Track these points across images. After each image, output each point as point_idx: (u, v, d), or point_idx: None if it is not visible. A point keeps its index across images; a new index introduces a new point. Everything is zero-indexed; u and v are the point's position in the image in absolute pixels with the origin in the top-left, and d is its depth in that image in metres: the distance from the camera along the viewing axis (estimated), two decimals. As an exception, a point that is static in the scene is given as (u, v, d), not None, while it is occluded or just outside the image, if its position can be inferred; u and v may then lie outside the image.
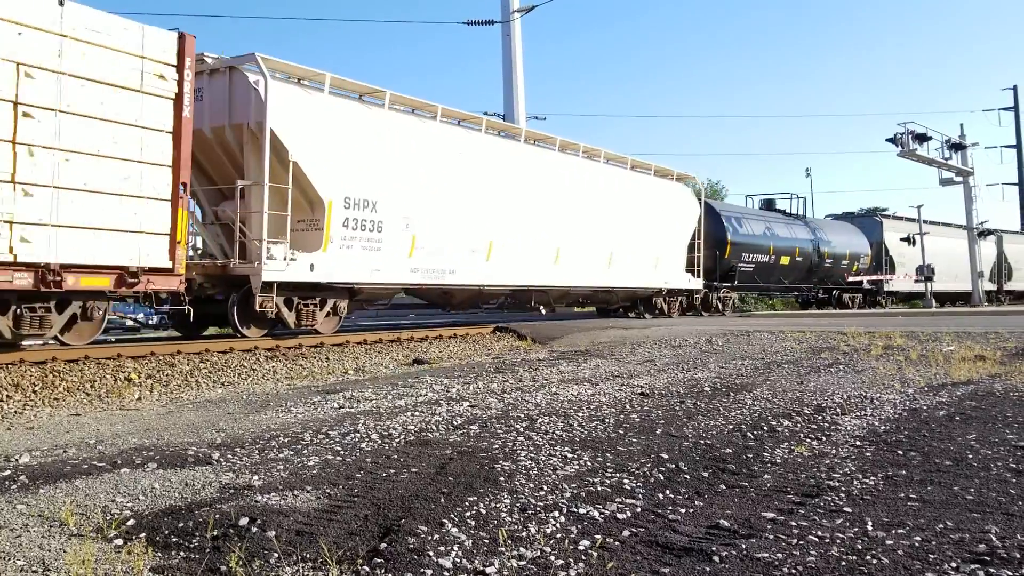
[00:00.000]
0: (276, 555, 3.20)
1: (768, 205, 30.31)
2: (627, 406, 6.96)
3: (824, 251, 29.35)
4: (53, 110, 8.32)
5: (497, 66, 25.53)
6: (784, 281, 27.92)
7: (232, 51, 11.67)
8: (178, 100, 9.53)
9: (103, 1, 9.28)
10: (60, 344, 9.41)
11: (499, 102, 25.40)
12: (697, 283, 22.14)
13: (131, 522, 3.62)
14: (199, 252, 12.38)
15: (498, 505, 3.89)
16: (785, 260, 27.24)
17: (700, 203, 22.41)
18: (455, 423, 6.13)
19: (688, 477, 4.49)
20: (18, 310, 8.64)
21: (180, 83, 9.53)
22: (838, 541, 3.33)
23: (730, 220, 24.99)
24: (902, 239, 33.61)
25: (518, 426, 5.96)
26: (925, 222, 36.28)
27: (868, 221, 34.22)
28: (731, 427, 5.97)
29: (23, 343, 9.07)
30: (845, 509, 3.80)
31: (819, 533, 3.43)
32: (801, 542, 3.33)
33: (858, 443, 5.38)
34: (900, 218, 36.23)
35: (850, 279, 31.25)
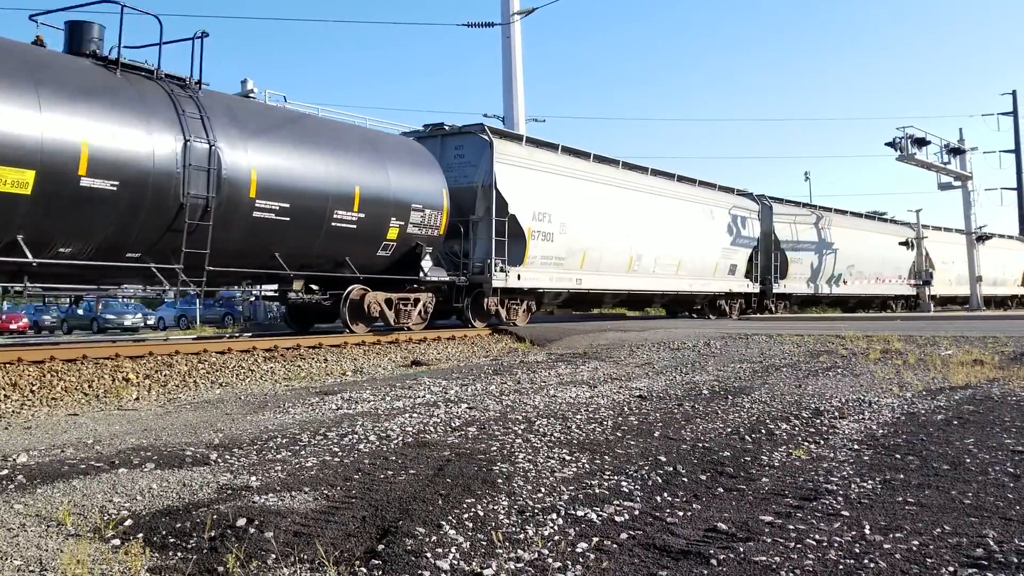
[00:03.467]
0: (273, 556, 3.20)
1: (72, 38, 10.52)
2: (625, 409, 6.96)
3: (241, 182, 10.98)
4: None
5: (497, 68, 25.56)
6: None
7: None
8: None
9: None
10: None
11: (499, 104, 25.41)
12: None
13: (128, 522, 3.62)
14: None
15: (496, 507, 3.89)
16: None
17: None
18: (453, 425, 6.13)
19: (686, 480, 4.49)
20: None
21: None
22: (836, 545, 3.33)
23: None
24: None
25: (516, 428, 5.96)
26: (612, 163, 19.38)
27: (472, 140, 16.10)
28: (729, 430, 5.97)
29: None
30: (843, 513, 3.80)
31: (817, 537, 3.43)
32: (799, 545, 3.33)
33: (856, 447, 5.38)
34: (539, 143, 17.93)
35: (380, 256, 13.60)
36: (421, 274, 14.23)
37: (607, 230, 18.96)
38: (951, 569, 3.06)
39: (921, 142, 30.03)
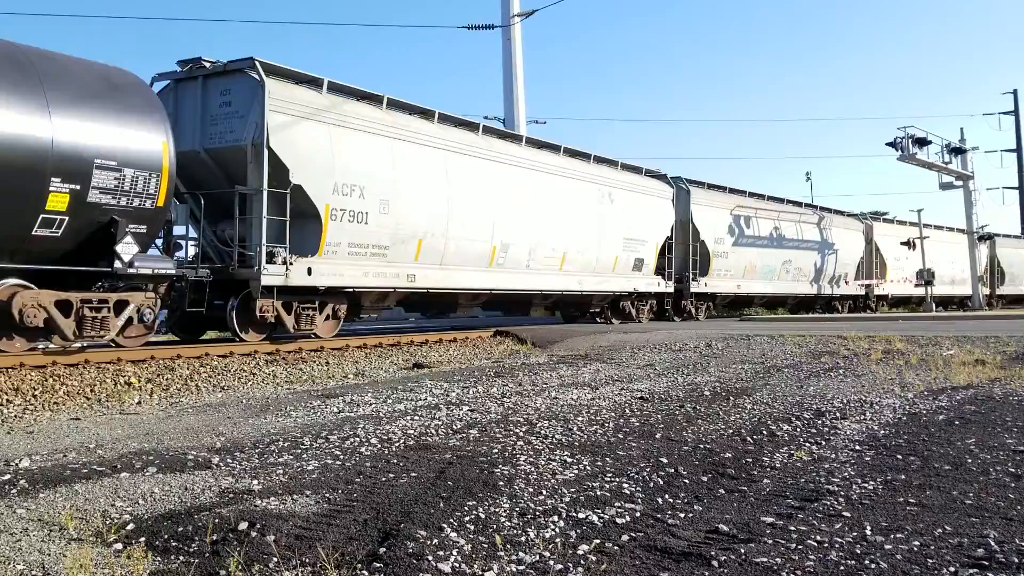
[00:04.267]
0: (275, 559, 3.20)
1: None
2: (626, 410, 6.97)
3: None
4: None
5: (498, 70, 25.54)
6: None
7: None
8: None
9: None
10: None
11: (500, 106, 25.41)
12: None
13: (131, 526, 3.63)
14: None
15: (497, 510, 3.89)
16: None
17: None
18: (455, 427, 6.13)
19: (687, 481, 4.50)
20: None
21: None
22: (837, 546, 3.34)
23: None
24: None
25: (517, 430, 5.96)
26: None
27: (240, 82, 11.71)
28: (731, 431, 5.97)
29: None
30: (844, 514, 3.80)
31: (818, 538, 3.43)
32: (800, 547, 3.33)
33: (857, 447, 5.38)
34: (350, 92, 13.43)
35: (40, 235, 9.13)
36: (118, 263, 9.53)
37: (456, 211, 14.37)
38: (952, 569, 3.06)
39: (922, 142, 30.01)
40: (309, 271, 11.91)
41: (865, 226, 32.24)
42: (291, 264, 11.61)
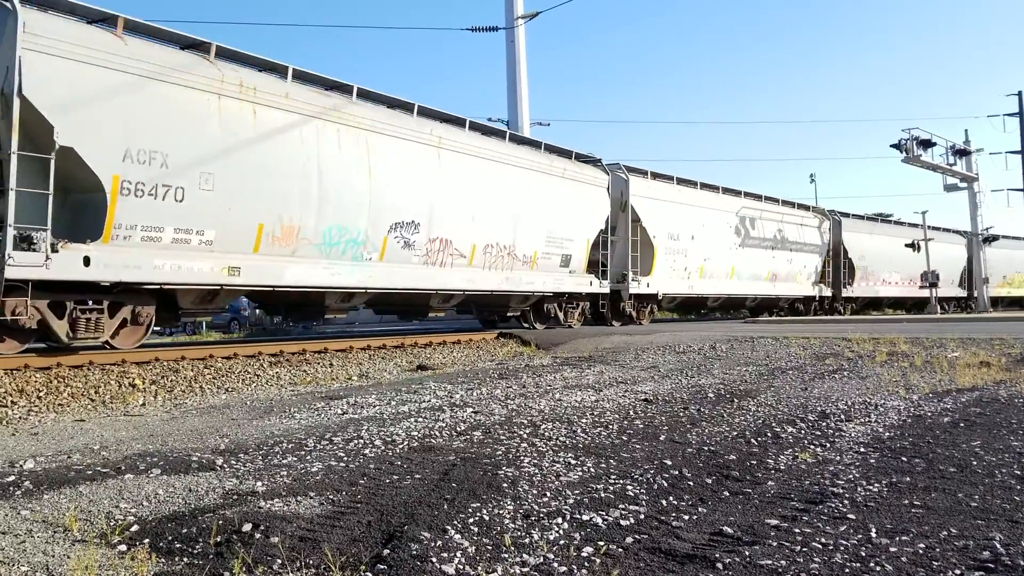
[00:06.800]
0: (279, 561, 3.20)
1: None
2: (630, 412, 6.96)
3: None
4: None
5: (501, 72, 25.54)
6: None
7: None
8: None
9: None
10: None
11: (503, 108, 25.45)
12: None
13: (135, 528, 3.63)
14: None
15: (501, 512, 3.89)
16: None
17: None
18: (459, 429, 6.13)
19: (692, 484, 4.49)
20: None
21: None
22: (842, 548, 3.32)
23: None
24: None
25: (522, 432, 5.95)
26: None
27: None
28: (735, 433, 5.96)
29: None
30: (849, 516, 3.79)
31: (823, 540, 3.42)
32: (804, 549, 3.32)
33: (862, 450, 5.36)
34: None
35: None
36: None
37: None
38: (957, 572, 3.04)
39: (927, 143, 30.01)
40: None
41: (616, 183, 20.31)
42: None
